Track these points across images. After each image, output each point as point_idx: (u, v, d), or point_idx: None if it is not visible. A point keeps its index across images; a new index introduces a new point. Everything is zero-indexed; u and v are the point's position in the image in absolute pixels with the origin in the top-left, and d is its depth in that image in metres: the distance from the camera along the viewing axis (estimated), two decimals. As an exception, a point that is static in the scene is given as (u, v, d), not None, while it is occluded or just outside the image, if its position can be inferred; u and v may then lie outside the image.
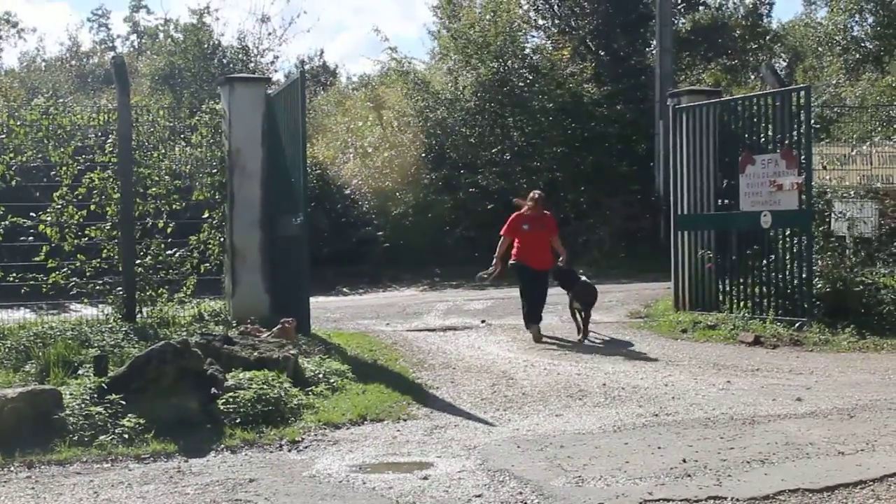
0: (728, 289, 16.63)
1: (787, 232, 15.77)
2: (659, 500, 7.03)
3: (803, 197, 15.40)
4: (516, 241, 15.50)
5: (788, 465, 7.96)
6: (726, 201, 16.67)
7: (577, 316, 15.34)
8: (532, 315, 15.27)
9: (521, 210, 15.69)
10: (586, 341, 14.99)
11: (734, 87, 36.44)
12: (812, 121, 16.71)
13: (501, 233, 15.79)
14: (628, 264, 26.05)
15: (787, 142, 15.75)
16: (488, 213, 27.70)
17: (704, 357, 13.56)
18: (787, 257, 15.76)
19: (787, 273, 15.75)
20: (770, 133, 16.27)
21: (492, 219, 27.43)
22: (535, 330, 15.11)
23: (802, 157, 15.49)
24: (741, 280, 16.44)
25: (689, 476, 7.64)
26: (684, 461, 8.08)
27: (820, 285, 15.46)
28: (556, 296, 15.90)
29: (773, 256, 15.89)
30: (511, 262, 15.54)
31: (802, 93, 15.91)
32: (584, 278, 15.80)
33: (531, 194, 15.94)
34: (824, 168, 18.60)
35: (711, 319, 15.97)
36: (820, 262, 15.69)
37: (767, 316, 15.58)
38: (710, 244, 16.94)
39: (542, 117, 29.92)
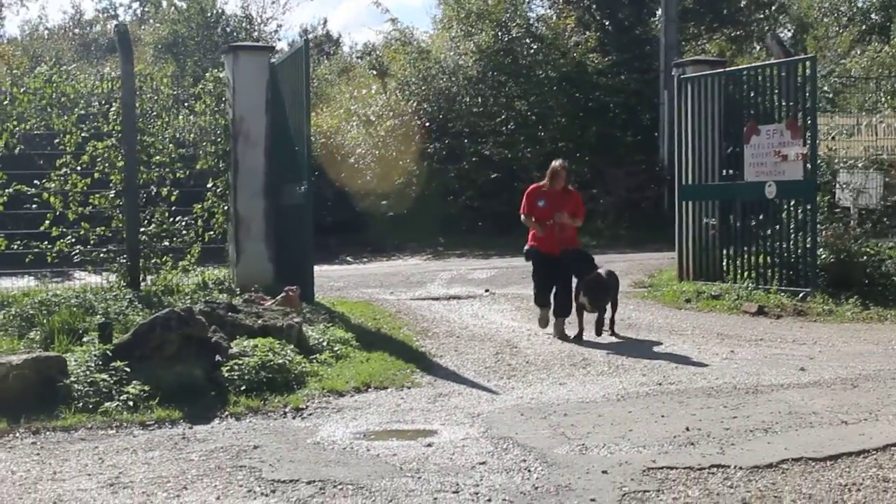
0: (732, 259, 16.63)
1: (792, 202, 15.75)
2: (662, 467, 7.04)
3: (808, 167, 15.37)
4: (533, 219, 13.19)
5: (791, 433, 7.97)
6: (731, 171, 16.65)
7: (582, 314, 12.83)
8: (540, 297, 13.23)
9: (540, 183, 13.52)
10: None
11: (739, 57, 36.31)
12: (818, 91, 16.65)
13: (521, 212, 13.45)
14: (632, 234, 26.08)
15: (792, 112, 15.71)
16: (492, 182, 27.75)
17: (708, 327, 13.56)
18: (792, 227, 15.74)
19: (792, 243, 15.74)
20: (775, 103, 16.22)
21: (495, 188, 27.51)
22: (544, 314, 13.16)
23: (808, 127, 15.46)
24: (745, 250, 16.44)
25: (692, 444, 7.65)
26: (687, 429, 8.09)
27: (824, 256, 15.45)
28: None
29: (777, 227, 15.89)
30: (526, 247, 13.34)
31: (808, 63, 15.84)
32: (600, 270, 13.10)
33: (552, 164, 13.45)
34: (830, 138, 18.55)
35: (715, 289, 15.98)
36: (824, 233, 15.68)
37: (771, 286, 15.58)
38: (715, 214, 16.92)
39: (546, 87, 29.87)
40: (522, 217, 13.39)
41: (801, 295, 15.01)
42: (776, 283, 15.60)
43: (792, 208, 15.78)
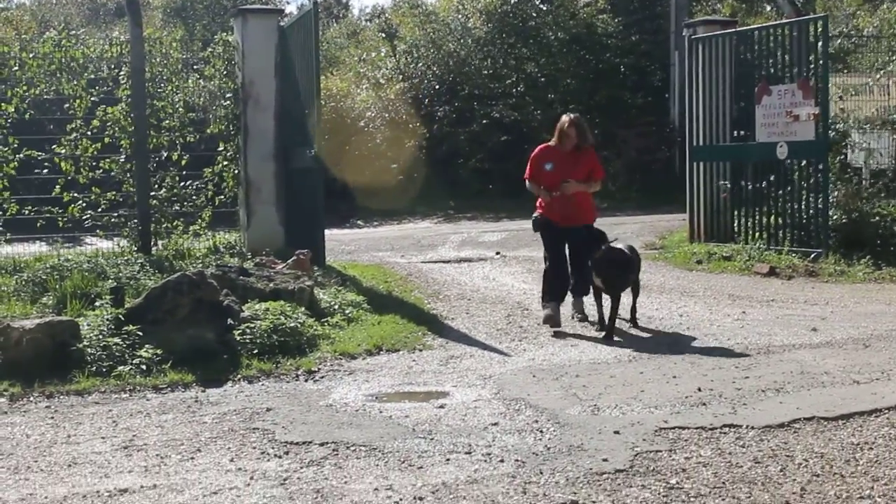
0: (743, 220, 16.60)
1: (803, 163, 15.70)
2: (674, 427, 7.05)
3: (819, 127, 15.31)
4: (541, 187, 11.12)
5: (804, 393, 7.98)
6: (742, 132, 16.60)
7: (600, 299, 10.87)
8: (551, 289, 11.03)
9: (549, 142, 11.37)
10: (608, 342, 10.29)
11: (750, 17, 36.06)
12: (829, 51, 16.56)
13: (525, 177, 11.35)
14: (643, 196, 26.03)
15: (803, 72, 15.64)
16: (502, 145, 27.67)
17: (719, 288, 13.56)
18: (803, 188, 15.70)
19: (803, 204, 15.70)
20: (787, 63, 16.14)
21: (505, 151, 27.44)
22: (551, 311, 10.83)
23: (819, 87, 15.39)
24: (756, 211, 16.40)
25: (704, 405, 7.66)
26: (699, 390, 8.10)
27: (836, 216, 15.42)
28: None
29: (788, 187, 15.85)
30: (534, 215, 11.26)
31: (819, 22, 15.75)
32: (617, 244, 11.04)
33: (561, 119, 11.25)
34: (841, 98, 18.46)
35: (727, 251, 15.96)
36: (836, 194, 15.63)
37: (783, 247, 15.56)
38: (726, 175, 16.89)
39: (556, 49, 29.74)
40: (527, 183, 11.34)
41: (812, 256, 14.98)
42: (788, 244, 15.57)
43: (803, 169, 15.72)
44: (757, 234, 16.21)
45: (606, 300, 10.63)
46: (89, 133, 15.05)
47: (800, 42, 15.81)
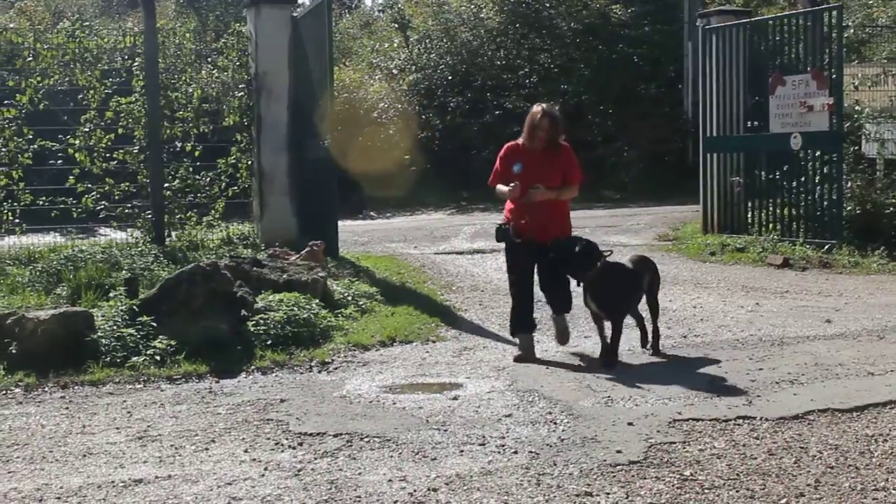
0: (757, 211, 16.56)
1: (817, 153, 15.64)
2: (688, 419, 7.05)
3: (834, 118, 15.26)
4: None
5: (818, 385, 7.97)
6: (756, 123, 16.56)
7: (601, 325, 9.14)
8: (521, 316, 9.38)
9: (519, 140, 9.47)
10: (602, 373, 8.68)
11: (764, 7, 35.94)
12: (844, 41, 16.51)
13: (489, 183, 9.65)
14: (656, 187, 25.96)
15: (818, 62, 15.59)
16: (515, 136, 27.22)
17: (733, 279, 13.53)
18: (817, 179, 15.64)
19: (817, 195, 15.65)
20: (801, 53, 16.09)
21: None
22: (525, 343, 9.29)
23: (833, 77, 15.34)
24: (770, 202, 16.36)
25: (718, 396, 7.66)
26: (713, 381, 8.10)
27: (850, 207, 15.39)
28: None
29: (802, 178, 15.80)
30: (498, 225, 9.57)
31: (834, 12, 15.68)
32: (617, 258, 9.24)
33: (532, 109, 9.36)
34: (856, 89, 18.40)
35: (740, 242, 15.93)
36: (850, 184, 15.59)
37: (797, 238, 15.52)
38: (739, 166, 16.86)
39: (569, 39, 29.69)
40: (495, 189, 9.48)
41: (826, 247, 14.94)
42: (802, 236, 15.54)
43: (817, 159, 15.67)
44: (770, 226, 16.18)
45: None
46: (103, 124, 15.07)
47: (814, 32, 15.76)
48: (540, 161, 9.14)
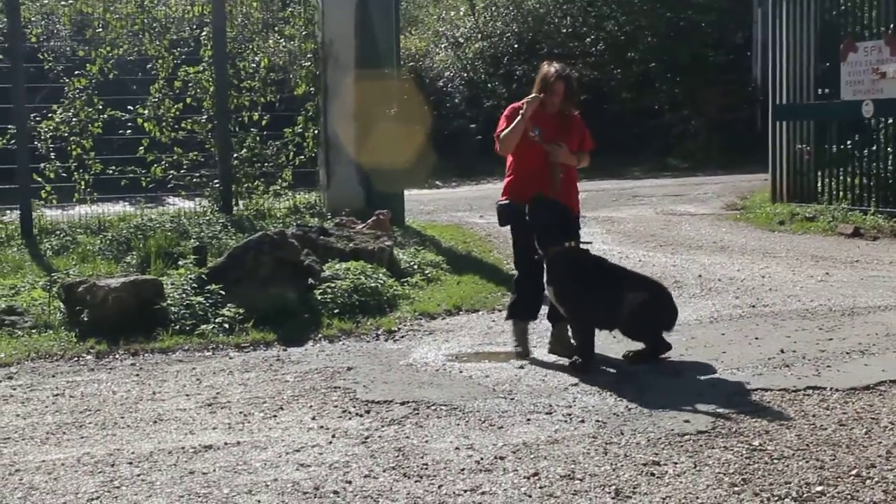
0: (827, 180, 16.36)
1: (890, 121, 15.40)
2: (757, 389, 7.00)
3: (907, 85, 15.02)
4: (509, 160, 8.50)
5: (889, 355, 7.86)
6: (826, 90, 16.33)
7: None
8: (522, 302, 8.37)
9: (524, 101, 8.41)
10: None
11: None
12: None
13: (496, 150, 8.62)
14: (724, 156, 25.70)
15: (891, 28, 15.32)
16: (582, 104, 27.41)
17: (802, 249, 13.39)
18: (889, 147, 15.40)
19: (889, 163, 15.41)
20: (874, 19, 15.81)
21: (585, 110, 27.14)
22: (520, 331, 8.34)
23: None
24: (841, 171, 16.15)
25: (787, 366, 7.59)
26: (782, 352, 8.01)
27: (923, 176, 15.15)
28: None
29: (874, 147, 15.57)
30: (499, 202, 8.51)
31: (909, -24, 15.41)
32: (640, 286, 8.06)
33: (543, 70, 8.64)
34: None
35: (810, 211, 15.73)
36: (923, 152, 15.35)
37: (868, 207, 15.30)
38: (809, 134, 16.65)
39: (637, 6, 29.43)
40: (497, 144, 8.53)
41: (898, 216, 14.75)
42: (873, 205, 15.32)
43: (889, 127, 15.43)
44: (841, 195, 15.96)
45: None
46: (172, 93, 15.20)
47: (887, -3, 15.49)
48: (556, 126, 8.30)
